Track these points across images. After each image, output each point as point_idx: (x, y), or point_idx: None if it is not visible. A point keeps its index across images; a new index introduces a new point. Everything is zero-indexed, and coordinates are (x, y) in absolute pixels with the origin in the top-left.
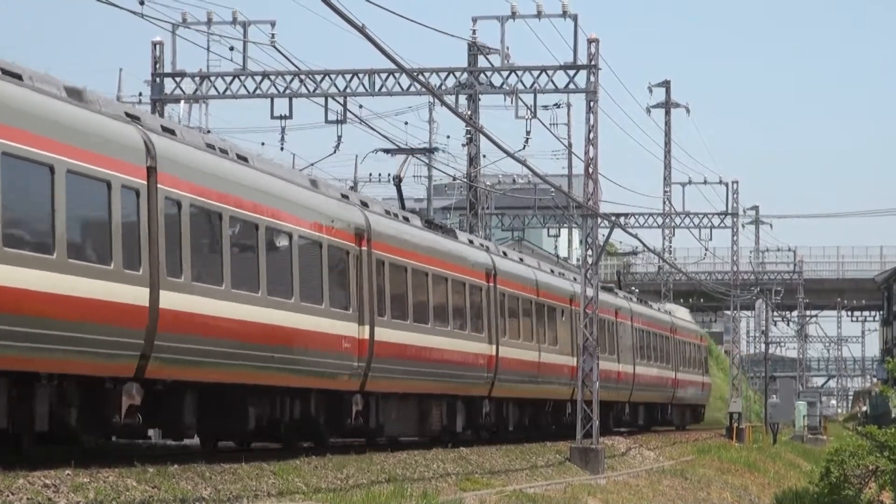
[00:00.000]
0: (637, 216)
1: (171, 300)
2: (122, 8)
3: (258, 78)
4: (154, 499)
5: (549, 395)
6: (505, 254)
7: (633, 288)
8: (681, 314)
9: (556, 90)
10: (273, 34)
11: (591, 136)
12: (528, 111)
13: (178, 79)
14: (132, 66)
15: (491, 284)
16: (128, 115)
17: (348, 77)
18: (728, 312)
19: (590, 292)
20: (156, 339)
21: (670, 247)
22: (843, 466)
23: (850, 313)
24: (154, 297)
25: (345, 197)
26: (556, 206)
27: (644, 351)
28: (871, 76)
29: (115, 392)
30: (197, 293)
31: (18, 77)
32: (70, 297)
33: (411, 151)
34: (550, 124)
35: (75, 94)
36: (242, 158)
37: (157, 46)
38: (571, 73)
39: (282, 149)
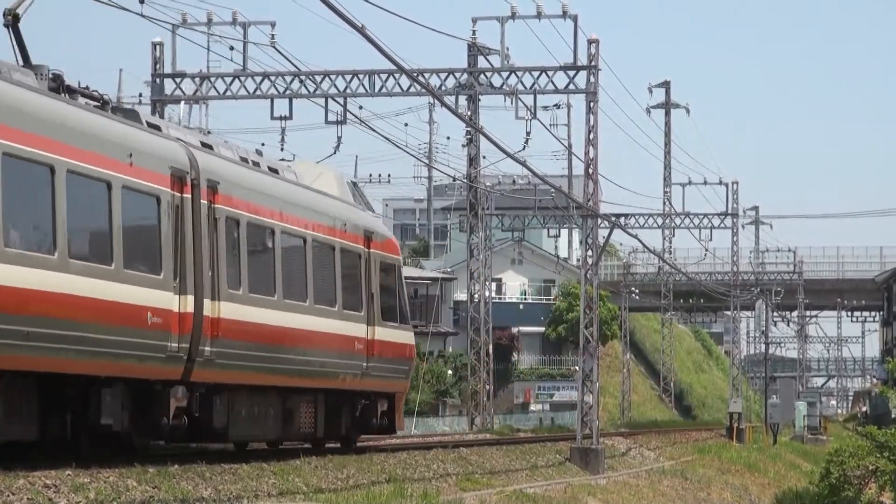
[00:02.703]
0: (637, 216)
1: (375, 333)
2: (122, 8)
3: (258, 78)
4: (154, 499)
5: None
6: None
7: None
8: (318, 180)
9: (556, 91)
10: (273, 35)
11: (591, 136)
12: (528, 112)
13: (178, 79)
14: (132, 66)
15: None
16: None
17: (348, 78)
18: (728, 313)
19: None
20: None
21: (670, 247)
22: (843, 467)
23: (850, 313)
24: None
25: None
26: (556, 207)
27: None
28: (871, 77)
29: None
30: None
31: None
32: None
33: None
34: (550, 125)
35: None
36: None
37: (157, 47)
38: (571, 73)
39: (282, 149)
